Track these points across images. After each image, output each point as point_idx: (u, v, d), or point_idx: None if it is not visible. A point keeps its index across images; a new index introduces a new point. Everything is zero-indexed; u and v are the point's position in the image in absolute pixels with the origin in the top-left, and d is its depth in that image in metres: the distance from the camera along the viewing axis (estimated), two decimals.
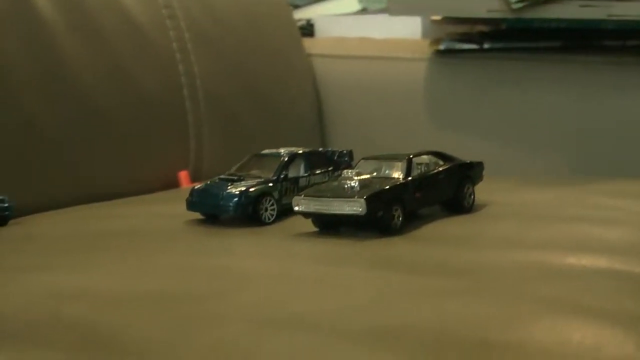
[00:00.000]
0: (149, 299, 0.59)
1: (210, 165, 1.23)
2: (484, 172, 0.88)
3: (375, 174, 0.79)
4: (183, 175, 1.19)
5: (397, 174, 0.78)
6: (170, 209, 0.92)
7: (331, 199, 0.74)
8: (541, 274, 0.63)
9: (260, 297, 0.59)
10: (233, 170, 0.87)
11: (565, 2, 1.22)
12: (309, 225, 0.78)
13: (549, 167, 1.31)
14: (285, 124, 1.37)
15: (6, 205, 0.88)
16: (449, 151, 0.86)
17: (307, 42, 1.49)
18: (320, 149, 0.95)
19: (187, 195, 0.86)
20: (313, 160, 0.88)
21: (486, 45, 1.39)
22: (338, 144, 1.30)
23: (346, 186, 0.75)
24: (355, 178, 0.76)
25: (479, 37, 1.39)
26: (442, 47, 1.40)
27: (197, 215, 0.85)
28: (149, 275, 0.66)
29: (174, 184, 1.18)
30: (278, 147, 0.90)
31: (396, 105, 1.40)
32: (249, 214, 0.81)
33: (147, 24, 1.21)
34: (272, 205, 0.82)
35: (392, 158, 0.80)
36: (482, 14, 1.27)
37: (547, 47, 1.36)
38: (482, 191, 0.87)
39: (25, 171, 1.02)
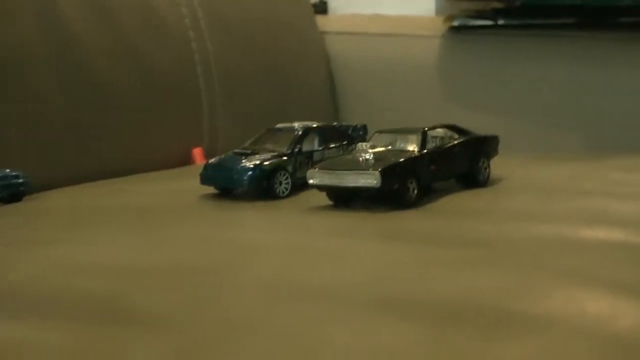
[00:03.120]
0: (163, 270, 0.59)
1: (224, 142, 1.23)
2: (499, 147, 0.88)
3: (390, 147, 0.78)
4: (197, 152, 1.20)
5: (412, 147, 0.77)
6: (184, 185, 0.92)
7: (346, 171, 0.74)
8: (558, 246, 0.63)
9: (275, 269, 0.59)
10: (247, 144, 0.87)
11: None
12: (323, 199, 0.78)
13: (564, 143, 1.31)
14: (299, 101, 1.37)
15: (21, 180, 0.88)
16: (462, 126, 0.86)
17: (320, 20, 1.49)
18: (335, 124, 0.94)
19: (200, 171, 0.85)
20: (327, 134, 0.88)
21: (500, 22, 1.38)
22: (351, 120, 1.30)
23: (361, 159, 0.75)
24: (370, 151, 0.76)
25: (493, 14, 1.38)
26: (455, 23, 1.39)
27: (211, 190, 0.85)
28: (163, 248, 0.66)
29: (188, 161, 1.18)
30: (292, 123, 0.90)
31: (410, 82, 1.40)
32: (263, 188, 0.81)
33: (159, 1, 1.21)
34: (287, 179, 0.82)
35: (407, 131, 0.79)
36: None
37: (562, 23, 1.36)
38: (497, 166, 0.86)
39: (40, 148, 1.02)
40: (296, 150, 0.84)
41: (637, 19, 1.32)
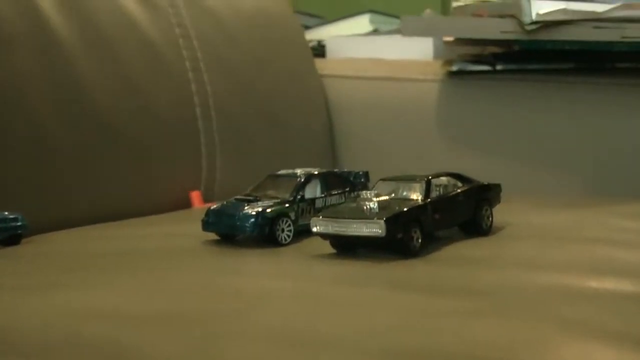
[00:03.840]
0: (166, 318, 0.58)
1: (222, 185, 1.22)
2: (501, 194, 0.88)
3: (393, 195, 0.78)
4: (195, 196, 1.19)
5: (416, 196, 0.77)
6: (184, 229, 0.91)
7: (350, 220, 0.74)
8: (564, 297, 0.63)
9: (280, 317, 0.59)
10: (249, 190, 0.86)
11: (578, 24, 1.22)
12: (326, 247, 0.77)
13: (564, 187, 1.30)
14: (298, 144, 1.36)
15: (19, 224, 0.88)
16: (462, 172, 0.86)
17: (318, 63, 1.49)
18: (336, 170, 0.94)
19: (199, 215, 0.85)
20: (329, 181, 0.87)
21: (499, 67, 1.38)
22: (350, 165, 1.30)
23: (365, 207, 0.75)
24: (374, 199, 0.75)
25: (492, 59, 1.39)
26: (454, 68, 1.39)
27: (213, 236, 0.85)
28: (166, 294, 0.65)
29: (186, 204, 1.18)
30: (290, 167, 0.90)
31: (408, 126, 1.40)
32: (265, 235, 0.81)
33: (160, 43, 1.21)
34: (289, 226, 0.81)
35: (411, 179, 0.79)
36: (495, 35, 1.27)
37: (560, 68, 1.36)
38: (498, 212, 0.86)
39: (38, 189, 1.01)
40: (298, 197, 0.83)
41: (634, 64, 1.33)
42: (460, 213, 0.81)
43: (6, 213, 0.87)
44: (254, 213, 0.80)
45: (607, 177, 1.29)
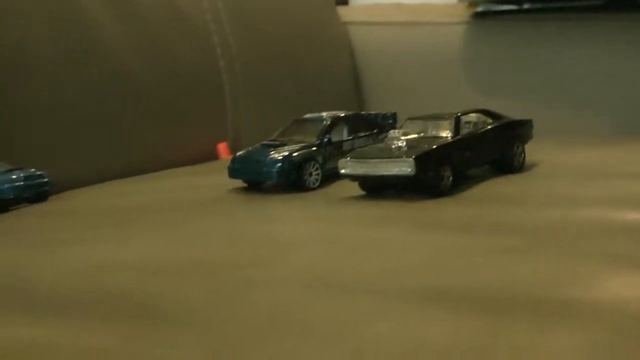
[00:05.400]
0: (192, 267, 0.57)
1: (248, 136, 1.21)
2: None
3: (422, 133, 0.76)
4: (222, 147, 1.18)
5: (445, 133, 0.75)
6: (211, 179, 0.90)
7: (379, 160, 0.72)
8: (601, 231, 0.61)
9: (309, 262, 0.57)
10: (275, 136, 0.85)
11: None
12: (354, 190, 0.76)
13: (593, 127, 1.28)
14: (323, 93, 1.35)
15: (45, 180, 0.87)
16: None
17: (341, 10, 1.47)
18: (363, 112, 0.93)
19: (226, 165, 0.84)
20: (356, 123, 0.86)
21: (526, 6, 1.36)
22: (377, 109, 1.28)
23: (393, 147, 0.73)
24: (403, 138, 0.74)
25: None
26: (480, 9, 1.37)
27: (240, 183, 0.83)
28: (192, 244, 0.64)
29: (214, 156, 1.17)
30: (320, 112, 0.88)
31: (434, 70, 1.38)
32: (292, 180, 0.79)
33: None
34: (317, 169, 0.80)
35: (440, 117, 0.77)
36: None
37: (588, 6, 1.33)
38: (530, 151, 0.84)
39: (66, 147, 1.01)
40: (325, 140, 0.82)
41: None
42: (491, 150, 0.79)
43: (33, 170, 0.87)
44: (280, 158, 0.79)
45: (634, 115, 1.26)
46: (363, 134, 0.86)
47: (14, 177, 0.84)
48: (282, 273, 0.55)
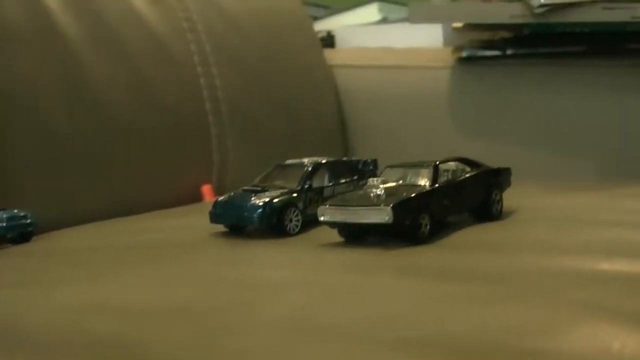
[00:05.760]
0: (175, 311, 0.58)
1: (233, 179, 1.22)
2: (512, 178, 0.87)
3: (401, 181, 0.77)
4: (206, 189, 1.19)
5: (424, 182, 0.76)
6: (193, 222, 0.91)
7: (357, 207, 0.73)
8: (577, 280, 0.62)
9: (289, 307, 0.58)
10: (256, 181, 0.86)
11: (587, 5, 1.21)
12: (334, 236, 0.76)
13: (576, 171, 1.29)
14: (309, 136, 1.36)
15: (29, 221, 0.88)
16: (474, 158, 0.85)
17: (328, 53, 1.48)
18: (345, 158, 0.94)
19: (209, 208, 0.84)
20: (337, 169, 0.87)
21: (509, 52, 1.37)
22: (362, 154, 1.29)
23: (372, 194, 0.74)
24: (381, 186, 0.74)
25: (502, 44, 1.37)
26: (464, 54, 1.38)
27: (221, 228, 0.84)
28: (174, 287, 0.65)
29: (197, 198, 1.18)
30: (302, 157, 0.89)
31: (419, 114, 1.39)
32: (273, 225, 0.80)
33: (168, 37, 1.21)
34: (297, 215, 0.81)
35: (419, 165, 0.78)
36: (505, 19, 1.26)
37: (571, 51, 1.35)
38: (509, 196, 0.85)
39: (49, 186, 1.01)
40: (306, 186, 0.83)
41: None
42: (469, 198, 0.80)
43: (16, 211, 0.87)
44: (261, 203, 0.80)
45: (619, 161, 1.27)
46: (344, 180, 0.86)
47: None
48: (261, 318, 0.55)
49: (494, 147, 1.32)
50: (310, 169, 0.84)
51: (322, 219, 0.75)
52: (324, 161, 0.86)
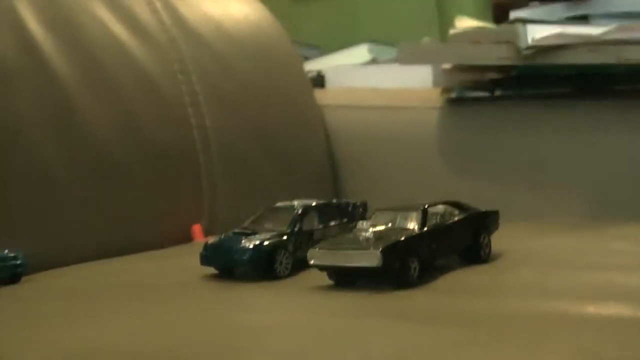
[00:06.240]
0: (166, 356, 0.58)
1: (224, 218, 1.22)
2: (500, 221, 0.87)
3: (390, 225, 0.78)
4: (196, 229, 1.19)
5: (413, 225, 0.77)
6: (183, 264, 0.91)
7: (347, 251, 0.73)
8: (563, 324, 0.62)
9: (279, 352, 0.58)
10: (247, 223, 0.86)
11: (574, 47, 1.22)
12: (324, 279, 0.77)
13: (564, 211, 1.30)
14: (299, 175, 1.36)
15: (19, 262, 0.88)
16: (463, 198, 0.85)
17: (318, 93, 1.49)
18: (334, 201, 0.94)
19: (199, 249, 0.85)
20: (327, 212, 0.87)
21: (497, 93, 1.39)
22: (351, 194, 1.30)
23: (361, 238, 0.75)
24: (370, 230, 0.75)
25: (490, 85, 1.39)
26: (453, 95, 1.40)
27: (211, 270, 0.85)
28: (163, 332, 0.65)
29: (188, 237, 1.18)
30: (292, 198, 0.89)
31: (409, 155, 1.40)
32: (263, 268, 0.80)
33: (159, 78, 1.21)
34: (287, 258, 0.81)
35: (407, 208, 0.79)
36: (493, 61, 1.27)
37: (558, 92, 1.36)
38: (498, 238, 0.86)
39: (37, 226, 1.02)
40: (296, 229, 0.83)
41: (632, 86, 1.33)
42: (457, 241, 0.81)
43: (6, 252, 0.87)
44: (251, 246, 0.80)
45: (608, 201, 1.28)
46: (334, 223, 0.87)
47: None
48: None
49: (483, 187, 1.33)
50: (300, 211, 0.85)
51: (312, 262, 0.75)
52: (314, 204, 0.87)
